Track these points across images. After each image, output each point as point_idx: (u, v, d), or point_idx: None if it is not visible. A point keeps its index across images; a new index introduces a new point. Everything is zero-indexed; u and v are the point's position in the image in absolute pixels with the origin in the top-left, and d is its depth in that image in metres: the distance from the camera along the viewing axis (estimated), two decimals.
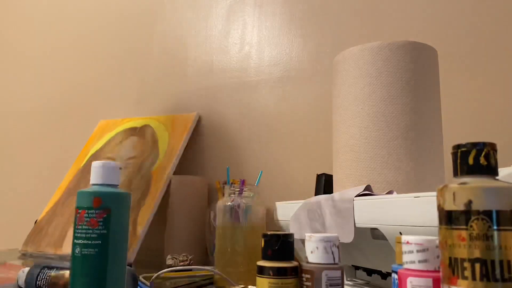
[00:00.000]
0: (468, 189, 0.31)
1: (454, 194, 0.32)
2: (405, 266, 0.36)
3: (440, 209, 0.33)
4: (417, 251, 0.35)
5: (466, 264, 0.30)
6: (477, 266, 0.30)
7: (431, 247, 0.35)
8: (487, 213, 0.30)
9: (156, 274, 0.67)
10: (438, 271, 0.35)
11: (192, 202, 1.04)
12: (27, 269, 0.60)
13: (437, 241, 0.35)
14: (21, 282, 0.60)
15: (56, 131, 1.53)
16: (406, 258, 0.36)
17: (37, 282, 0.57)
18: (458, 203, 0.31)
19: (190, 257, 0.79)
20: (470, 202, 0.31)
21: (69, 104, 1.53)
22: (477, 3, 0.94)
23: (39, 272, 0.58)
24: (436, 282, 0.34)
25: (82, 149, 1.33)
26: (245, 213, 0.77)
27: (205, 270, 0.74)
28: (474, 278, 0.30)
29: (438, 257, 0.35)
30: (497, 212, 0.30)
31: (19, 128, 1.62)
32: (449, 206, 0.32)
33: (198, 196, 1.06)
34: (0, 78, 1.74)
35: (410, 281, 0.34)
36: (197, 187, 1.06)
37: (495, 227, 0.30)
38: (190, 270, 0.73)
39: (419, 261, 0.35)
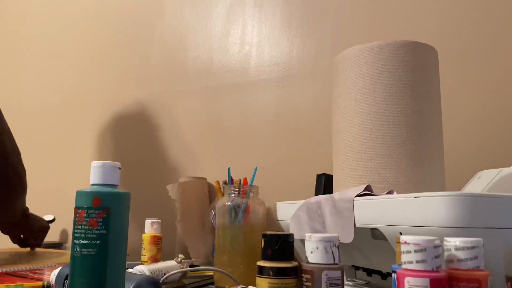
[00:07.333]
0: None
1: None
2: (403, 266, 0.36)
3: None
4: (415, 251, 0.35)
5: None
6: None
7: (429, 247, 0.35)
8: None
9: (166, 276, 0.67)
10: (436, 271, 0.35)
11: (193, 202, 1.04)
12: (58, 269, 0.61)
13: (436, 241, 0.35)
14: (52, 282, 0.61)
15: (56, 131, 1.53)
16: (404, 258, 0.36)
17: (65, 282, 0.57)
18: None
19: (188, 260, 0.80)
20: None
21: (69, 104, 1.53)
22: (477, 3, 0.94)
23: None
24: (434, 282, 0.34)
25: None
26: (244, 212, 0.77)
27: (209, 270, 0.74)
28: None
29: (436, 257, 0.35)
30: None
31: (19, 128, 1.62)
32: None
33: (199, 196, 1.06)
34: (1, 77, 1.74)
35: (408, 281, 0.34)
36: (198, 188, 1.06)
37: None
38: (197, 270, 0.74)
39: (417, 261, 0.35)
